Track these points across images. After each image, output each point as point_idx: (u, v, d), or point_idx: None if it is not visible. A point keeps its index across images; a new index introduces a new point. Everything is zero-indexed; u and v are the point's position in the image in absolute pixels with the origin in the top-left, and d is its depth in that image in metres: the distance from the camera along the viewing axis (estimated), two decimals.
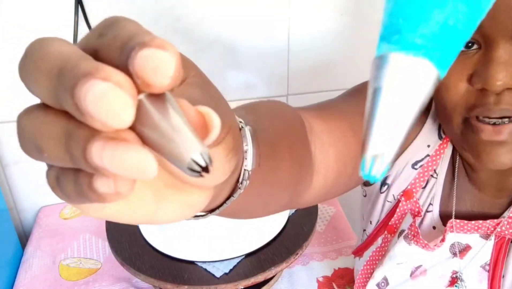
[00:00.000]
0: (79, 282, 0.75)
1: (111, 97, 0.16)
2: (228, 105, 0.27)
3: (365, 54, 0.95)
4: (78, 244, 0.84)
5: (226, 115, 0.24)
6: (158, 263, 0.63)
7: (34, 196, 0.93)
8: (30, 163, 0.89)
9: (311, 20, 0.89)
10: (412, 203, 0.53)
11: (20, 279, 0.76)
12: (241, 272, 0.62)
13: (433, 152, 0.52)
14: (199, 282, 0.60)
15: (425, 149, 0.52)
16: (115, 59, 0.18)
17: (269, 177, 0.35)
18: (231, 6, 0.83)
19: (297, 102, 0.97)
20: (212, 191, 0.25)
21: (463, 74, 0.41)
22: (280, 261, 0.62)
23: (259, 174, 0.32)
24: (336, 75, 0.96)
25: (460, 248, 0.50)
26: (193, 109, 0.20)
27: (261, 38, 0.88)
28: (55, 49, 0.21)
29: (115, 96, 0.17)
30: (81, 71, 0.17)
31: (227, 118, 0.24)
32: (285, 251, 0.64)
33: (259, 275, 0.60)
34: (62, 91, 0.17)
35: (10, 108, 0.83)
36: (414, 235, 0.50)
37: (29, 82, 0.19)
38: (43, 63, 0.19)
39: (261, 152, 0.32)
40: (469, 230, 0.49)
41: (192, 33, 0.84)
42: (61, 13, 0.76)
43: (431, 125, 0.52)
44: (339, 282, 0.74)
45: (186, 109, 0.19)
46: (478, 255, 0.49)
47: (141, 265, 0.62)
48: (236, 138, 0.26)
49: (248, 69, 0.90)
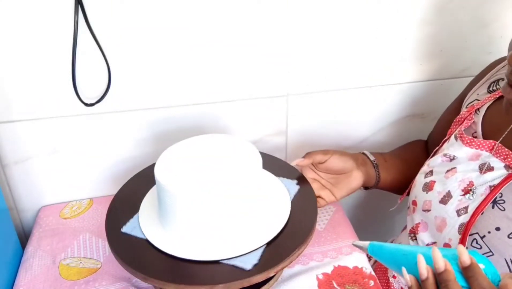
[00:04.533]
0: (79, 281, 0.75)
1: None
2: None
3: (365, 54, 0.95)
4: (78, 243, 0.84)
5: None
6: (159, 264, 0.63)
7: (34, 196, 0.93)
8: (30, 163, 0.89)
9: (311, 20, 0.89)
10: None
11: (20, 278, 0.76)
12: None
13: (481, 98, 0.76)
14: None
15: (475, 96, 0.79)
16: None
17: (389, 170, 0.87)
18: (232, 5, 0.83)
19: (297, 102, 0.97)
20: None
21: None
22: (279, 261, 0.62)
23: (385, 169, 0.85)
24: (336, 75, 0.96)
25: (486, 166, 0.66)
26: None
27: (261, 38, 0.88)
28: None
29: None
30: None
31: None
32: (285, 250, 0.64)
33: (258, 275, 0.60)
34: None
35: (10, 108, 0.83)
36: (462, 136, 0.73)
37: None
38: None
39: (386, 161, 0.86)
40: (501, 155, 0.65)
41: (192, 32, 0.84)
42: (61, 13, 0.76)
43: (484, 81, 0.79)
44: (339, 280, 0.74)
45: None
46: (495, 179, 0.63)
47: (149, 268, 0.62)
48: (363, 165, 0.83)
49: (248, 69, 0.90)
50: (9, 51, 0.78)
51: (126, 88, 0.86)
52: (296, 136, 1.02)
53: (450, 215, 0.68)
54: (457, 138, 0.73)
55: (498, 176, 0.64)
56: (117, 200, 0.76)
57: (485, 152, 0.68)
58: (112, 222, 0.71)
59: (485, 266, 0.44)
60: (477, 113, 0.75)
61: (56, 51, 0.79)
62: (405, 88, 1.02)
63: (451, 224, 0.67)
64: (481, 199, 0.63)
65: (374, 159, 0.85)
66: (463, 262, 0.43)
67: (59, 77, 0.82)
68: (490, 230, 0.62)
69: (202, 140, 0.74)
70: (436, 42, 0.98)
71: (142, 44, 0.83)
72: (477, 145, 0.70)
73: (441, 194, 0.70)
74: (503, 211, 0.61)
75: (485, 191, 0.64)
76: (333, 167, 0.80)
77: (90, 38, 0.79)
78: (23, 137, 0.86)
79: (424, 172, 0.77)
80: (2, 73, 0.79)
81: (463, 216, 0.66)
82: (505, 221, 0.61)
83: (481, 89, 0.80)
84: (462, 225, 0.65)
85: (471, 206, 0.65)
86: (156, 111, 0.90)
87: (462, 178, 0.68)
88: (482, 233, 0.63)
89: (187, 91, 0.90)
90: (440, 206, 0.70)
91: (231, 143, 0.73)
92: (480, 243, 0.63)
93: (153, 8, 0.80)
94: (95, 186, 0.96)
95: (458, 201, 0.67)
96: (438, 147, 0.80)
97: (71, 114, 0.86)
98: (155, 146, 0.94)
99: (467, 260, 0.43)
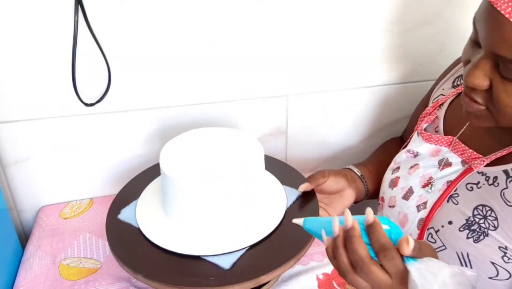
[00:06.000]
0: (79, 281, 0.75)
1: None
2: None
3: (365, 54, 0.95)
4: (78, 243, 0.84)
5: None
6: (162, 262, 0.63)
7: (34, 196, 0.93)
8: (30, 163, 0.89)
9: (311, 21, 0.89)
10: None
11: (20, 278, 0.76)
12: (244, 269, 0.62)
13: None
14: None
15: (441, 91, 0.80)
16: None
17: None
18: (232, 5, 0.83)
19: (297, 102, 0.97)
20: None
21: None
22: (279, 265, 0.62)
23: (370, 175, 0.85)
24: (336, 75, 0.96)
25: (444, 162, 0.67)
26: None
27: (262, 38, 0.88)
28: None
29: None
30: None
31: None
32: (285, 253, 0.64)
33: (258, 278, 0.60)
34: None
35: (10, 108, 0.83)
36: (423, 133, 0.74)
37: None
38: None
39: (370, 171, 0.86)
40: (458, 150, 0.66)
41: (192, 32, 0.84)
42: (61, 13, 0.76)
43: (450, 76, 0.79)
44: (339, 280, 0.74)
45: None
46: (452, 174, 0.65)
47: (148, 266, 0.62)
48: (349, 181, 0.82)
49: (249, 69, 0.90)
50: (9, 51, 0.78)
51: (126, 88, 0.86)
52: (296, 136, 1.02)
53: (411, 211, 0.69)
54: (419, 134, 0.74)
55: (454, 171, 0.65)
56: (123, 190, 0.78)
57: (444, 148, 0.69)
58: (113, 211, 0.73)
59: (390, 228, 0.48)
60: (440, 108, 0.76)
61: (56, 51, 0.79)
62: (405, 88, 1.02)
63: (412, 220, 0.68)
64: (439, 195, 0.64)
65: (361, 174, 0.85)
66: (367, 221, 0.48)
67: (59, 77, 0.82)
68: (444, 224, 0.63)
69: (209, 132, 0.76)
70: (436, 42, 0.98)
71: (142, 44, 0.83)
72: (436, 141, 0.71)
73: (404, 190, 0.71)
74: (456, 205, 0.62)
75: (443, 186, 0.65)
76: (328, 189, 0.80)
77: (90, 38, 0.79)
78: (23, 137, 0.86)
79: (391, 169, 0.78)
80: (2, 73, 0.79)
81: (422, 212, 0.67)
82: (457, 214, 0.61)
83: (446, 84, 0.80)
84: (421, 220, 0.67)
85: (429, 202, 0.66)
86: (156, 111, 0.90)
87: (423, 174, 0.69)
88: (437, 227, 0.64)
89: (187, 91, 0.90)
90: (403, 202, 0.71)
91: (236, 137, 0.74)
92: (434, 237, 0.64)
93: (153, 8, 0.80)
94: (95, 186, 0.96)
95: (419, 196, 0.68)
96: (406, 143, 0.80)
97: (71, 114, 0.86)
98: (155, 146, 0.94)
99: (370, 219, 0.48)
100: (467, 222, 0.60)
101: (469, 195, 0.61)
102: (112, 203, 0.75)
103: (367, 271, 0.47)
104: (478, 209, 0.60)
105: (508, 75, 0.51)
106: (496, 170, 0.59)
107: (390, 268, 0.46)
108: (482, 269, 0.58)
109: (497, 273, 0.57)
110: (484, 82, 0.54)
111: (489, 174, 0.60)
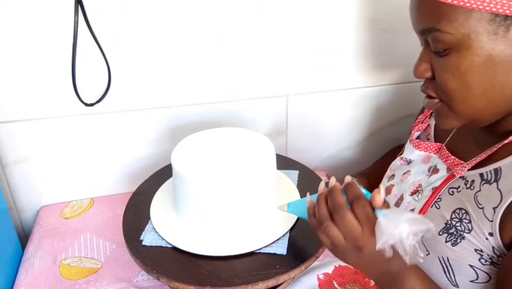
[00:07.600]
0: (80, 281, 0.75)
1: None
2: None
3: (365, 54, 0.95)
4: (79, 243, 0.84)
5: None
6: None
7: (34, 196, 0.93)
8: (30, 163, 0.89)
9: (311, 21, 0.89)
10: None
11: (21, 278, 0.76)
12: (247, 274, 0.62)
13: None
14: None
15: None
16: None
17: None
18: (232, 6, 0.83)
19: (297, 102, 0.97)
20: None
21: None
22: (286, 271, 0.61)
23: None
24: (336, 75, 0.96)
25: (433, 169, 0.68)
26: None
27: (262, 38, 0.88)
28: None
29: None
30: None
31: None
32: (292, 260, 0.63)
33: (262, 282, 0.60)
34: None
35: (10, 108, 0.83)
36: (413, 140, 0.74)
37: None
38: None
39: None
40: (443, 157, 0.66)
41: (192, 32, 0.84)
42: (61, 13, 0.76)
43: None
44: (339, 280, 0.74)
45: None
46: (437, 181, 0.65)
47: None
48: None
49: (249, 69, 0.90)
50: (9, 51, 0.78)
51: (126, 88, 0.86)
52: (296, 136, 1.02)
53: None
54: (410, 142, 0.75)
55: (440, 177, 0.65)
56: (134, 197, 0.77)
57: (434, 155, 0.70)
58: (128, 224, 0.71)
59: (366, 193, 0.53)
60: (432, 116, 0.76)
61: (56, 51, 0.79)
62: (405, 88, 1.02)
63: None
64: (425, 202, 0.65)
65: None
66: (345, 180, 0.55)
67: (59, 77, 0.82)
68: None
69: (222, 132, 0.76)
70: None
71: (141, 44, 0.83)
72: (425, 148, 0.72)
73: (396, 197, 0.72)
74: (438, 209, 0.62)
75: (429, 193, 0.65)
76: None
77: (90, 38, 0.79)
78: (23, 137, 0.86)
79: (387, 176, 0.78)
80: (3, 73, 0.79)
81: None
82: (438, 218, 0.61)
83: None
84: None
85: (416, 209, 0.66)
86: (156, 111, 0.90)
87: (413, 181, 0.70)
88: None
89: (187, 91, 0.90)
90: (395, 209, 0.71)
91: (248, 136, 0.75)
92: (421, 244, 0.63)
93: (153, 8, 0.80)
94: (95, 185, 0.96)
95: (407, 203, 0.68)
96: (401, 151, 0.80)
97: (71, 114, 0.87)
98: (154, 146, 0.94)
99: (348, 180, 0.55)
100: (446, 226, 0.60)
101: (449, 199, 0.62)
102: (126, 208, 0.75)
103: (343, 214, 0.52)
104: (455, 212, 0.60)
105: (438, 48, 0.53)
106: (474, 174, 0.59)
107: (360, 215, 0.51)
108: (462, 273, 0.58)
109: (477, 276, 0.57)
110: (426, 69, 0.57)
111: (468, 178, 0.60)
